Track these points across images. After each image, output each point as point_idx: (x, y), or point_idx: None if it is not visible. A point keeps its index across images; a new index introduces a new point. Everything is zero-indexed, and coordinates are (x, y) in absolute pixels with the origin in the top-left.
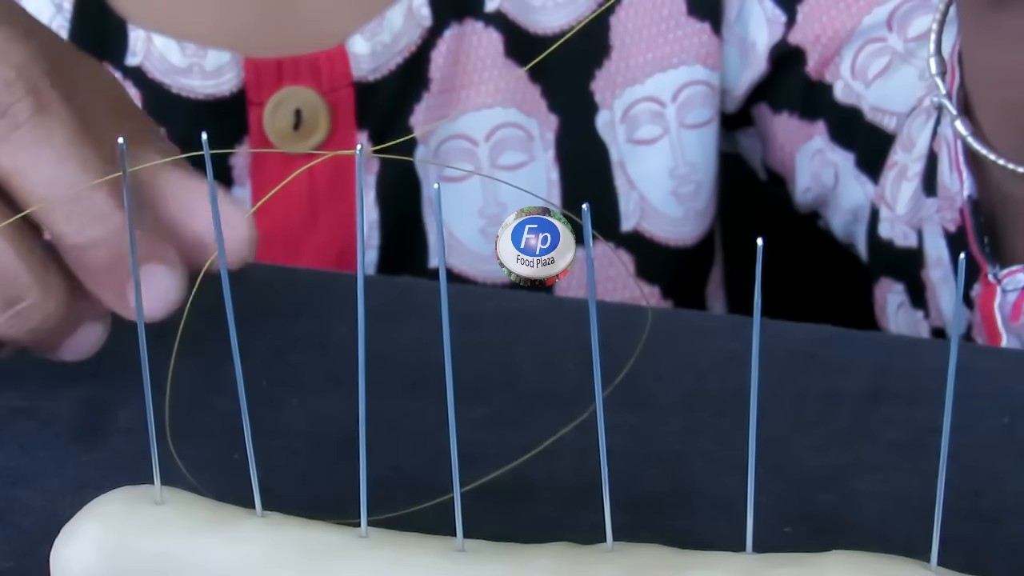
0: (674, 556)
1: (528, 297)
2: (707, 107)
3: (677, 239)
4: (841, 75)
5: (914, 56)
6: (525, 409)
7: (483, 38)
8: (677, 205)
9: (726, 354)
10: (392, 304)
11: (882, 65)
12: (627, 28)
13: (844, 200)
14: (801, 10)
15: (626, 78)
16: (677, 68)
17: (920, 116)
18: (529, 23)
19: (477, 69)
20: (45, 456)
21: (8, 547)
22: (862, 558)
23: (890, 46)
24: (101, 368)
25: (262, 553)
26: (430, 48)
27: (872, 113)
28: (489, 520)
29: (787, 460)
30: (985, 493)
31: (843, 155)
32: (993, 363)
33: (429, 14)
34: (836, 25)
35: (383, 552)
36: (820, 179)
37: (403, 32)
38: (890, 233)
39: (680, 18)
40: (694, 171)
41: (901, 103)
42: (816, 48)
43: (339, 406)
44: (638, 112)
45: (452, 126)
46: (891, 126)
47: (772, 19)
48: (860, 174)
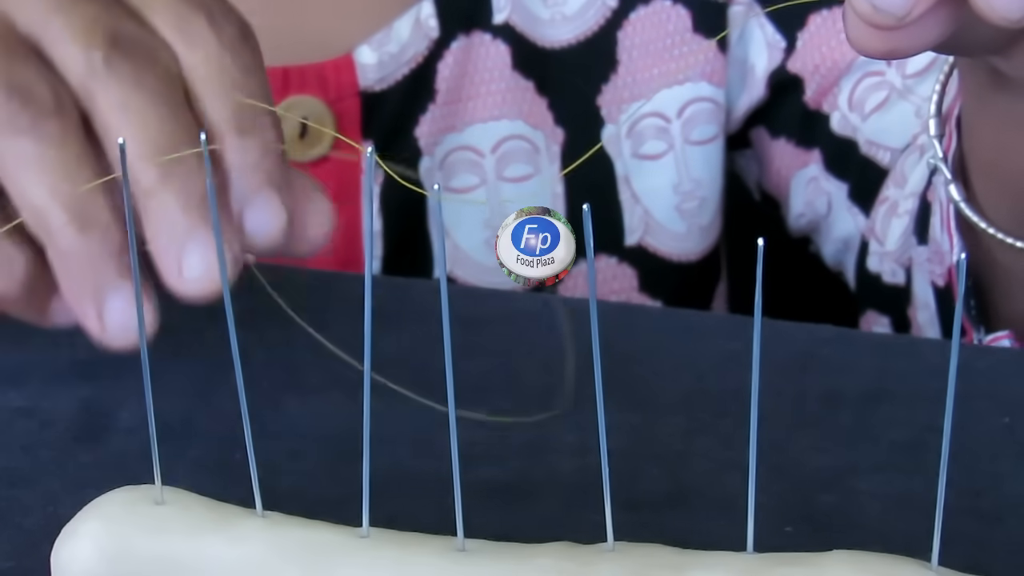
0: (675, 556)
1: (528, 298)
2: (712, 124)
3: (681, 254)
4: (838, 106)
5: (911, 92)
6: (525, 410)
7: (491, 50)
8: (681, 220)
9: (727, 354)
10: (392, 304)
11: (880, 99)
12: (634, 43)
13: (836, 229)
14: (801, 37)
15: (632, 93)
16: (683, 84)
17: (914, 153)
18: (537, 36)
19: (484, 81)
20: (46, 456)
21: (9, 547)
22: (863, 558)
23: (888, 81)
24: (101, 368)
25: (263, 553)
26: (437, 59)
27: (867, 146)
28: (490, 520)
29: (788, 460)
30: (986, 493)
31: (836, 185)
32: (994, 363)
33: (437, 25)
34: (836, 56)
35: (384, 552)
36: (814, 206)
37: (410, 43)
38: (878, 267)
39: (686, 35)
40: (698, 187)
41: (896, 139)
42: (815, 78)
43: (339, 406)
44: (643, 127)
45: (458, 137)
46: (885, 160)
47: (772, 44)
48: (852, 205)
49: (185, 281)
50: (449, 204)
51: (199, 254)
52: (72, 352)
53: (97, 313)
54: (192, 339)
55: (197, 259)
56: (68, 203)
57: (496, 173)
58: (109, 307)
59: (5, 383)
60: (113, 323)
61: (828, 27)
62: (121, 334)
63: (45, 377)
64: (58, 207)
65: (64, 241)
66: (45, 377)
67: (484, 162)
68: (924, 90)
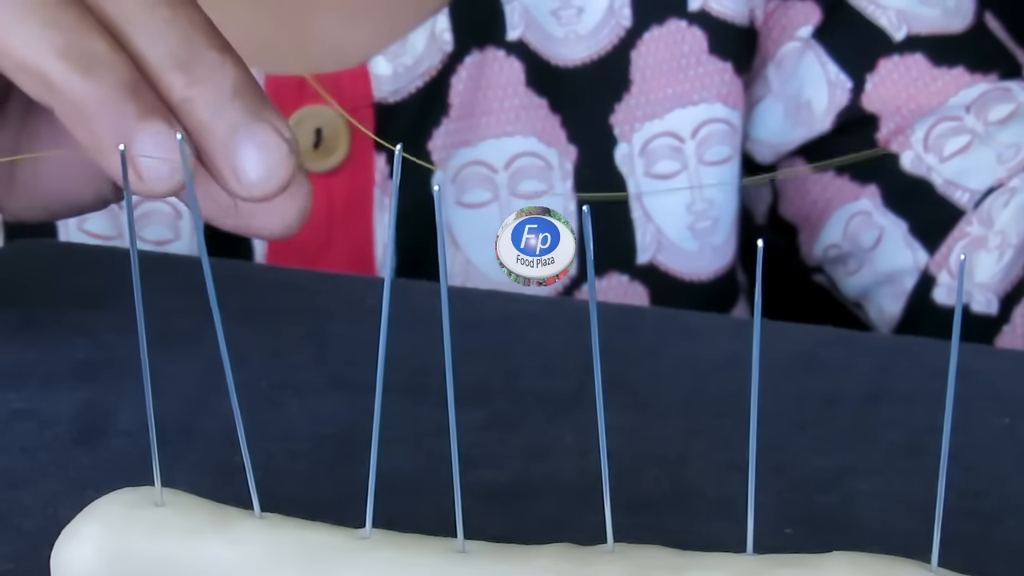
0: (675, 557)
1: (528, 299)
2: (726, 145)
3: (692, 273)
4: (912, 146)
5: (992, 139)
6: (525, 411)
7: (504, 66)
8: (693, 240)
9: (727, 355)
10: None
11: (962, 143)
12: (648, 63)
13: (880, 263)
14: (871, 79)
15: (646, 112)
16: (697, 105)
17: (1003, 195)
18: (551, 55)
19: (498, 97)
20: (45, 458)
21: (8, 549)
22: (863, 559)
23: (967, 126)
24: (101, 370)
25: (262, 554)
26: (450, 73)
27: (945, 186)
28: (490, 521)
29: (788, 461)
30: (986, 494)
31: (894, 221)
32: (994, 364)
33: (451, 39)
34: (920, 100)
35: (384, 553)
36: (857, 239)
37: (425, 56)
38: (947, 299)
39: (701, 55)
40: (712, 207)
41: (977, 181)
42: (894, 118)
43: (339, 407)
44: (657, 147)
45: (471, 152)
46: (963, 200)
47: (836, 83)
48: (913, 241)
49: (246, 187)
50: (461, 220)
51: (252, 152)
52: (72, 353)
53: (229, 161)
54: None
55: (252, 158)
56: (62, 50)
57: (509, 189)
58: (140, 150)
59: (5, 384)
60: (149, 167)
61: (902, 72)
62: (161, 177)
63: (45, 378)
64: (53, 57)
65: (71, 91)
66: (45, 378)
67: (497, 178)
68: (1005, 137)
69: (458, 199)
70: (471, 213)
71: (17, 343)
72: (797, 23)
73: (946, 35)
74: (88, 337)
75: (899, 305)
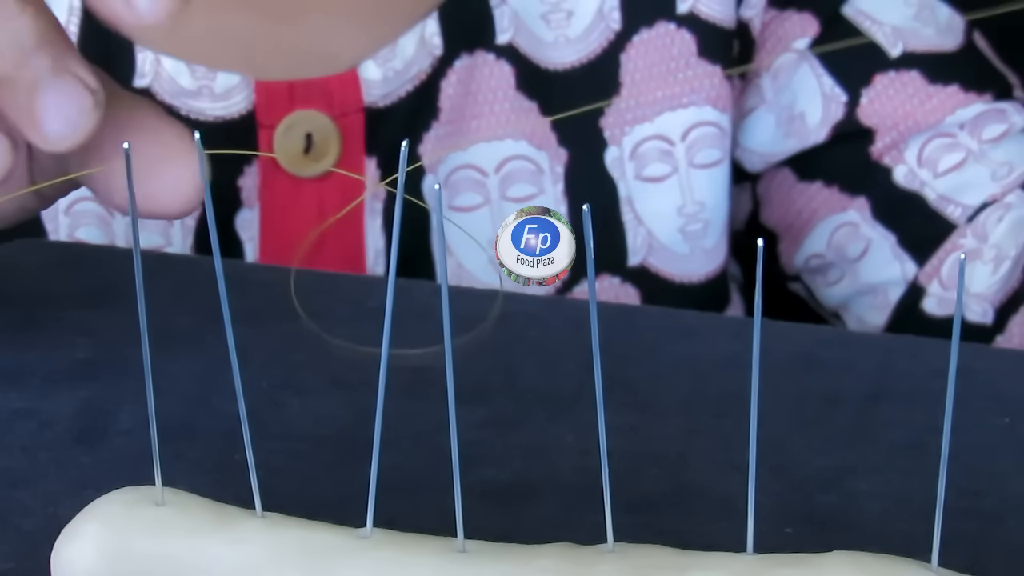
0: (675, 557)
1: (528, 299)
2: (716, 148)
3: (683, 276)
4: (905, 161)
5: (986, 157)
6: (525, 411)
7: (494, 70)
8: (684, 242)
9: (727, 355)
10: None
11: (957, 160)
12: (637, 66)
13: (864, 274)
14: (866, 93)
15: (636, 116)
16: (687, 108)
17: (998, 211)
18: (540, 59)
19: (488, 101)
20: (46, 457)
21: (8, 549)
22: (863, 559)
23: (962, 143)
24: (101, 369)
25: (263, 554)
26: (440, 77)
27: (939, 201)
28: (490, 521)
29: (788, 461)
30: (986, 493)
31: (883, 233)
32: (994, 364)
33: (441, 43)
34: (917, 116)
35: (384, 552)
36: (842, 250)
37: (414, 60)
38: (937, 309)
39: (690, 59)
40: (702, 210)
41: (972, 197)
42: (890, 133)
43: (340, 407)
44: (647, 150)
45: (462, 156)
46: (955, 215)
47: (831, 96)
48: (902, 253)
49: (48, 138)
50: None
51: (54, 103)
52: (72, 353)
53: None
54: (192, 339)
55: (54, 110)
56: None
57: (500, 192)
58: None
59: (5, 384)
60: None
61: (898, 88)
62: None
63: (45, 378)
64: None
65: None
66: (45, 378)
67: (488, 181)
68: (999, 156)
69: (449, 203)
70: (462, 217)
71: (17, 343)
72: (794, 35)
73: (940, 53)
74: (88, 337)
75: (883, 316)
